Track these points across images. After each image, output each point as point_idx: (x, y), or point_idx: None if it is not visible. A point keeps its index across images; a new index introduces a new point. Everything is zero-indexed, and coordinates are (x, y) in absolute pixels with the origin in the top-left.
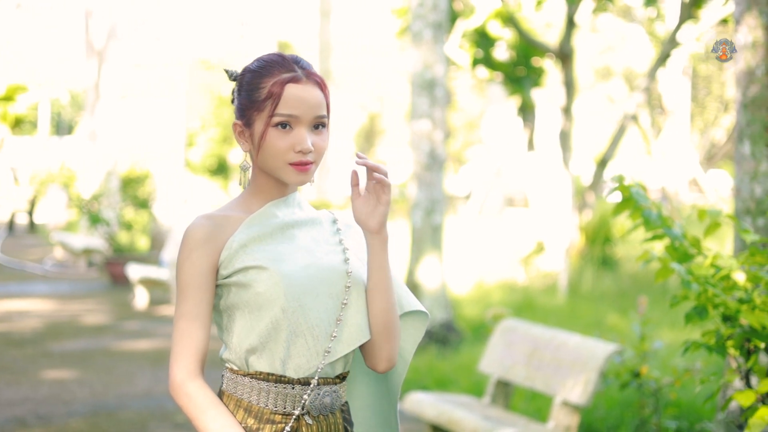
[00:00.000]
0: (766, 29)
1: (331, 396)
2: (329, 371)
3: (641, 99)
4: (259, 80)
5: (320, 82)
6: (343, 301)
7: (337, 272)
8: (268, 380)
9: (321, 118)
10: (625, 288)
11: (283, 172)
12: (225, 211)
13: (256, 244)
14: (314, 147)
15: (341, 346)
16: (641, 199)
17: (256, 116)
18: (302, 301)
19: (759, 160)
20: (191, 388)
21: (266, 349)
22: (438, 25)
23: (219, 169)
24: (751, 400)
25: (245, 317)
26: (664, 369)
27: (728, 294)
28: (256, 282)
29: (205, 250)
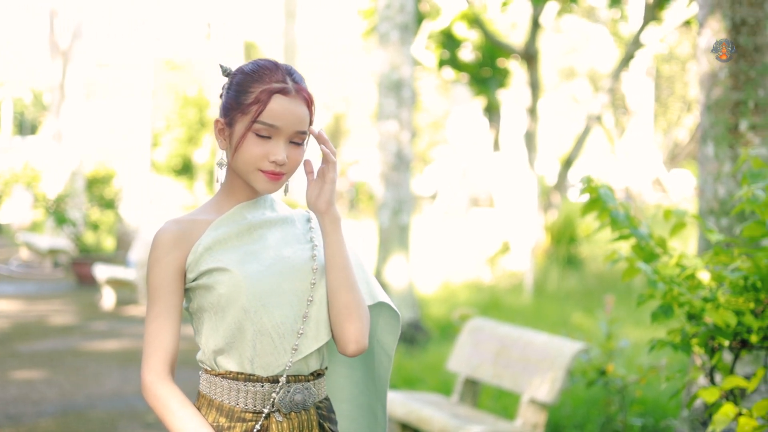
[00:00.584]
0: (728, 32)
1: (303, 393)
2: (302, 368)
3: (606, 100)
4: (249, 84)
5: (308, 98)
6: (309, 298)
7: (302, 270)
8: (237, 379)
9: (300, 134)
10: (590, 287)
11: (253, 178)
12: (194, 214)
13: (221, 246)
14: (289, 160)
15: (309, 343)
16: (609, 200)
17: (239, 118)
18: (265, 301)
19: (722, 161)
20: (160, 389)
21: (233, 349)
22: (405, 27)
23: (184, 169)
24: (716, 396)
25: (211, 319)
26: (630, 367)
27: (693, 293)
28: (219, 284)
29: (172, 255)
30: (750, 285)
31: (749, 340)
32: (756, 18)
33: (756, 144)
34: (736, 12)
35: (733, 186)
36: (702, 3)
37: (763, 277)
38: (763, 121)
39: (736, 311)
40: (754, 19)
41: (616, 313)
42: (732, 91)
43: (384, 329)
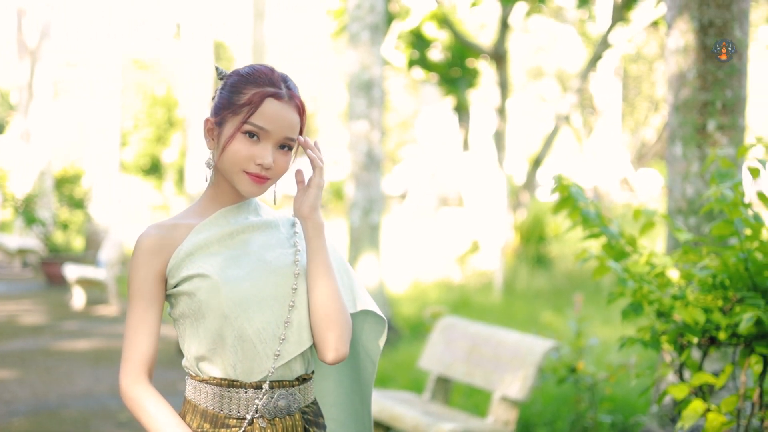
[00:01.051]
0: (696, 33)
1: (287, 399)
2: (285, 374)
3: (574, 99)
4: (243, 85)
5: (300, 105)
6: (290, 303)
7: (283, 275)
8: (221, 385)
9: (289, 140)
10: (559, 286)
11: (238, 179)
12: (177, 219)
13: (202, 251)
14: (275, 165)
15: (291, 348)
16: (580, 198)
17: (230, 118)
18: (245, 306)
19: (690, 161)
20: (137, 392)
21: (215, 356)
22: (375, 27)
23: (152, 168)
24: (685, 392)
25: (192, 325)
26: (599, 365)
27: (662, 291)
28: (198, 290)
29: (152, 260)
30: (718, 283)
31: (717, 338)
32: (723, 19)
33: (723, 144)
34: (704, 13)
35: (701, 186)
36: (670, 4)
37: (731, 275)
38: (730, 122)
39: (705, 309)
40: (722, 20)
41: (585, 311)
42: (700, 91)
43: (369, 335)
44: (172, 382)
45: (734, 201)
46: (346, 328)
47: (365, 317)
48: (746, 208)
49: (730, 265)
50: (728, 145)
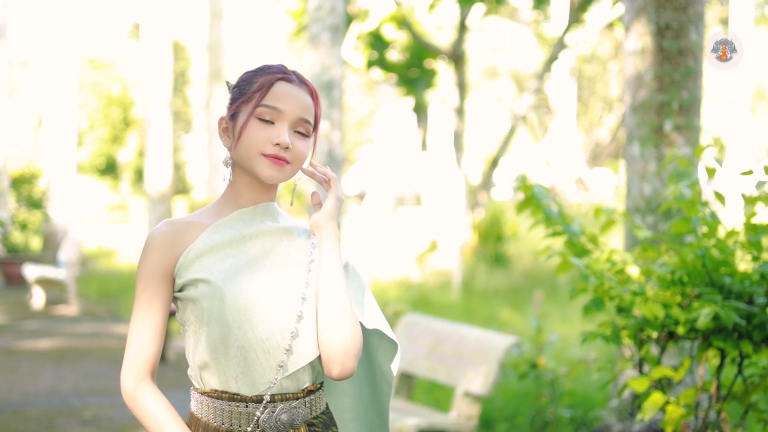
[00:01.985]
0: (653, 36)
1: (290, 412)
2: (290, 386)
3: (531, 100)
4: (253, 77)
5: (312, 90)
6: (298, 313)
7: (293, 284)
8: (221, 398)
9: (305, 123)
10: (516, 284)
11: (256, 163)
12: (192, 217)
13: (212, 254)
14: (293, 148)
15: (296, 360)
16: (543, 198)
17: (243, 108)
18: (250, 315)
19: (647, 160)
20: (137, 392)
21: (217, 365)
22: (335, 28)
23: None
24: (645, 386)
25: (195, 333)
26: (559, 360)
27: (623, 287)
28: (203, 297)
29: (161, 257)
30: (677, 279)
31: (676, 332)
32: (680, 22)
33: (680, 144)
34: (661, 16)
35: (658, 185)
36: (628, 7)
37: (689, 271)
38: (686, 122)
39: (664, 304)
40: (678, 23)
41: (544, 308)
42: (657, 93)
43: (384, 358)
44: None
45: (692, 199)
46: (355, 344)
47: (380, 339)
48: (703, 206)
49: (688, 261)
50: (684, 145)
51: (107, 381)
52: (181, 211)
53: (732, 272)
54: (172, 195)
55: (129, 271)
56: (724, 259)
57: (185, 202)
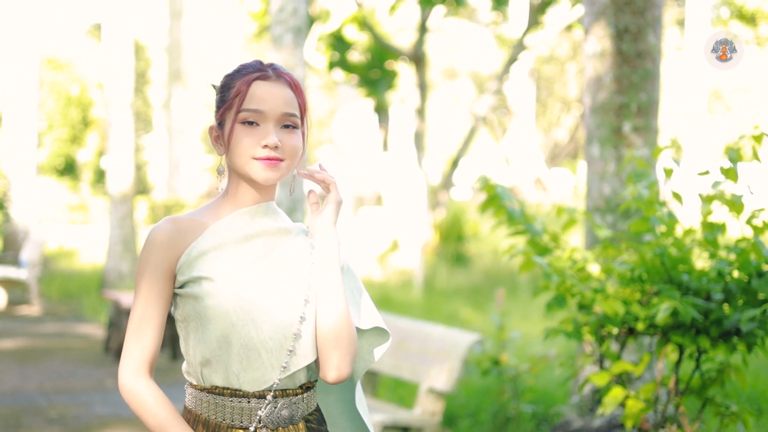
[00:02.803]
0: (613, 39)
1: (290, 408)
2: (289, 383)
3: (492, 101)
4: (231, 81)
5: (291, 82)
6: (301, 315)
7: (296, 285)
8: (223, 394)
9: (290, 117)
10: (477, 283)
11: (250, 168)
12: (193, 215)
13: (215, 253)
14: (283, 144)
15: (298, 360)
16: (505, 197)
17: (227, 115)
18: (254, 315)
19: (607, 161)
20: (136, 387)
21: (219, 363)
22: (298, 30)
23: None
24: (605, 380)
25: (198, 330)
26: (521, 357)
27: (584, 284)
28: (207, 295)
29: (164, 254)
30: (636, 277)
31: (636, 328)
32: (638, 26)
33: (639, 145)
34: (620, 20)
35: (617, 185)
36: (588, 11)
37: (648, 269)
38: (645, 123)
39: (624, 301)
40: (637, 26)
41: (505, 306)
42: (616, 94)
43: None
44: (99, 380)
45: (650, 199)
46: (351, 349)
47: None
48: (661, 206)
49: (647, 259)
50: (643, 145)
51: (72, 380)
52: (142, 212)
53: (690, 270)
54: (133, 195)
55: (91, 272)
56: (682, 257)
57: (146, 202)
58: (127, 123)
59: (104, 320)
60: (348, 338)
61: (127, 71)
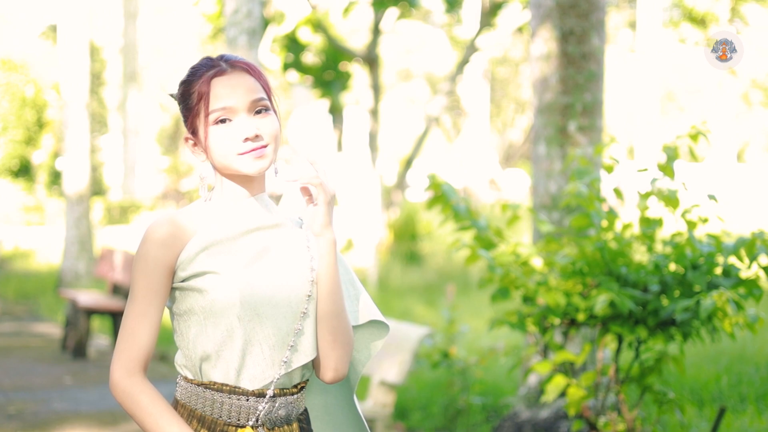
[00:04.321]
0: (558, 41)
1: (287, 407)
2: (286, 381)
3: (444, 102)
4: (189, 87)
5: (248, 67)
6: (303, 311)
7: (299, 281)
8: (222, 391)
9: (259, 102)
10: (430, 281)
11: (239, 164)
12: (190, 211)
13: (217, 247)
14: (262, 130)
15: (299, 357)
16: (451, 195)
17: (197, 122)
18: (259, 310)
19: (553, 160)
20: (131, 386)
21: (220, 358)
22: (252, 32)
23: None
24: (547, 369)
25: (200, 323)
26: (471, 351)
27: (528, 277)
28: (213, 288)
29: (162, 251)
30: (577, 270)
31: (577, 319)
32: (583, 28)
33: (584, 144)
34: (565, 22)
35: (563, 183)
36: (534, 14)
37: (589, 262)
38: (590, 123)
39: (566, 293)
40: (581, 29)
41: (456, 302)
42: (562, 95)
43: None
44: (57, 377)
45: (590, 196)
46: (348, 349)
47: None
48: (601, 202)
49: (588, 253)
50: (588, 144)
51: (30, 377)
52: (98, 213)
53: (628, 263)
54: (89, 196)
55: (47, 272)
56: (621, 250)
57: (102, 203)
58: (83, 124)
59: (61, 319)
60: (347, 338)
61: (83, 72)
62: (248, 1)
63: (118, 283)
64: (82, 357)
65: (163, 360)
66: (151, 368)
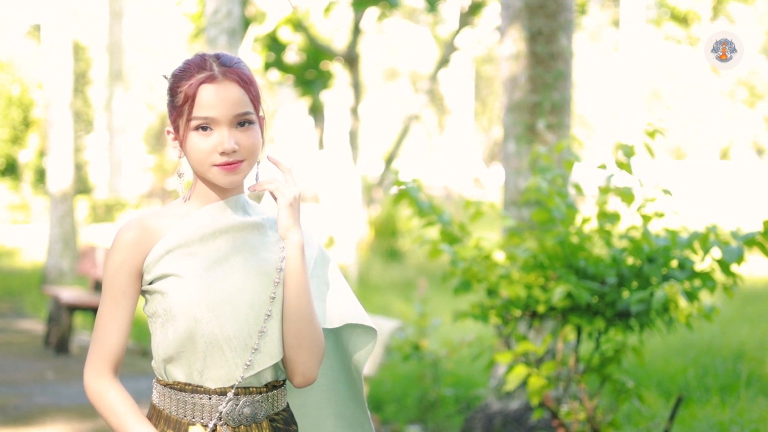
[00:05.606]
0: (527, 41)
1: (252, 406)
2: (253, 381)
3: (424, 100)
4: (178, 84)
5: (240, 78)
6: (267, 312)
7: (263, 282)
8: (184, 390)
9: (243, 116)
10: (409, 277)
11: (211, 175)
12: (161, 213)
13: (181, 249)
14: (240, 145)
15: (263, 359)
16: (413, 192)
17: (179, 121)
18: (218, 312)
19: (522, 157)
20: (99, 387)
21: (183, 359)
22: (232, 32)
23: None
24: (509, 359)
25: (163, 326)
26: (444, 344)
27: (492, 271)
28: (172, 290)
29: (129, 254)
30: (538, 263)
31: (537, 311)
32: (551, 28)
33: (552, 141)
34: (534, 23)
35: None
36: (504, 14)
37: (549, 256)
38: (558, 121)
39: (527, 285)
40: (550, 29)
41: (434, 299)
42: (530, 94)
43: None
44: (39, 372)
45: (550, 191)
46: (315, 353)
47: (352, 329)
48: (561, 197)
49: (549, 247)
50: (556, 142)
51: (13, 372)
52: (83, 211)
53: (587, 256)
54: (74, 194)
55: (32, 270)
56: (580, 244)
57: (87, 201)
58: (67, 123)
59: (44, 316)
60: (312, 341)
61: (67, 72)
62: (228, 2)
63: (100, 280)
64: (64, 352)
65: (145, 355)
66: (132, 363)
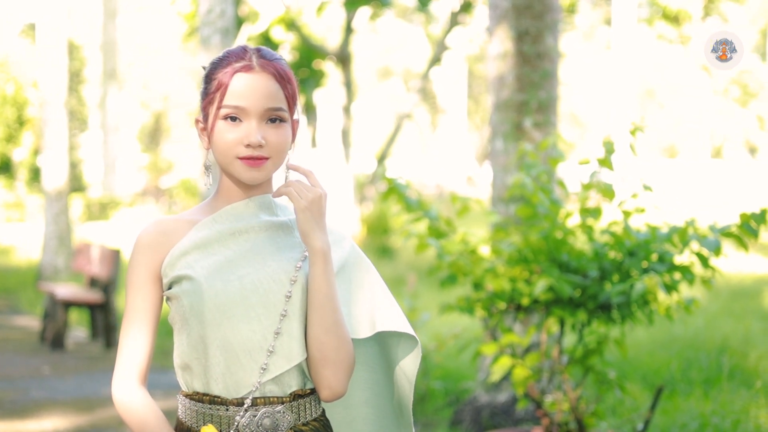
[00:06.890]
0: (514, 41)
1: (273, 417)
2: (275, 390)
3: (416, 99)
4: (214, 71)
5: (278, 72)
6: (282, 312)
7: (278, 281)
8: (202, 401)
9: (275, 111)
10: (401, 274)
11: (233, 168)
12: (182, 215)
13: (199, 251)
14: (268, 142)
15: (280, 362)
16: (401, 188)
17: (210, 109)
18: (230, 313)
19: (509, 154)
20: (128, 398)
21: (198, 366)
22: (226, 31)
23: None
24: (493, 350)
25: (179, 332)
26: (434, 338)
27: (477, 265)
28: (184, 294)
29: (149, 257)
30: (523, 257)
31: (522, 304)
32: (538, 28)
33: (538, 139)
34: (521, 23)
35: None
36: (491, 14)
37: (533, 250)
38: (544, 119)
39: (511, 279)
40: (536, 29)
41: (425, 296)
42: (517, 93)
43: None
44: (35, 368)
45: (534, 187)
46: (343, 365)
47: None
48: (545, 193)
49: (533, 241)
50: (542, 140)
51: (9, 368)
52: (78, 209)
53: (570, 250)
54: (68, 192)
55: (27, 267)
56: (563, 239)
57: (81, 199)
58: (61, 121)
59: (40, 312)
60: (339, 354)
61: (61, 70)
62: (221, 1)
63: (95, 277)
64: (60, 348)
65: None
66: None
